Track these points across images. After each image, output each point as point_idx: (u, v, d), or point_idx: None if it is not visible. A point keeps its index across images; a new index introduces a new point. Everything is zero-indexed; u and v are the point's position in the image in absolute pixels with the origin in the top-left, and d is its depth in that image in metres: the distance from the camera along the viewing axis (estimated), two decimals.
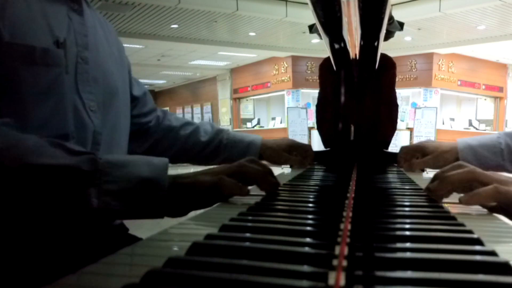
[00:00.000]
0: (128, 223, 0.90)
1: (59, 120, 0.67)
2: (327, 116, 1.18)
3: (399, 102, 1.15)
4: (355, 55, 0.86)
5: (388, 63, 1.11)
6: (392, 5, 0.85)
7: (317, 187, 0.74)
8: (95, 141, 0.74)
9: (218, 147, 1.02)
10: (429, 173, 1.04)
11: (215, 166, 0.65)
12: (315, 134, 9.23)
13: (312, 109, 10.28)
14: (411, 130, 10.10)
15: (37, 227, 0.60)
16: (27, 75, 0.64)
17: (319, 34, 0.85)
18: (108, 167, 0.55)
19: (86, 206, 0.53)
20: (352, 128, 1.13)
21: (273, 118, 12.65)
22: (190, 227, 0.46)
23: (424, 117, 9.84)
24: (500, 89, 11.68)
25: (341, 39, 0.82)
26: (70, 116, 0.69)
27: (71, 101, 0.69)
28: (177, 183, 0.58)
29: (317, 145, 1.21)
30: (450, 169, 0.60)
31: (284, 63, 11.50)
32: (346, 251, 0.32)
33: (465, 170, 0.58)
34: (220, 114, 14.21)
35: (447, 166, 0.62)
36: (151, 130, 1.01)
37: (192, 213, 0.52)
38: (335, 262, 0.29)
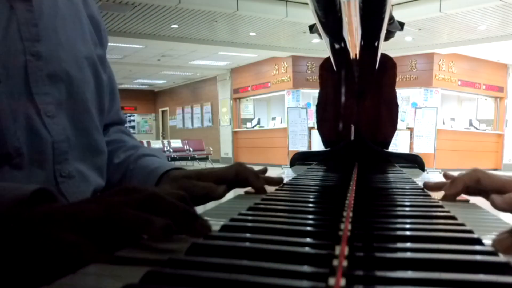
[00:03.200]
0: None
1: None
2: (327, 116, 1.18)
3: (399, 102, 1.15)
4: (356, 55, 0.86)
5: (389, 63, 1.11)
6: (392, 5, 0.85)
7: (317, 187, 0.74)
8: (58, 151, 0.63)
9: (125, 173, 0.78)
10: (430, 173, 1.04)
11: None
12: (315, 134, 9.24)
13: (312, 109, 10.28)
14: (411, 130, 10.11)
15: None
16: None
17: (319, 34, 0.85)
18: None
19: None
20: (353, 128, 1.13)
21: (273, 118, 12.67)
22: None
23: (424, 117, 9.86)
24: (501, 89, 11.69)
25: (342, 39, 0.82)
26: (16, 127, 0.57)
27: (19, 110, 0.58)
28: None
29: (318, 145, 1.21)
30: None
31: (284, 63, 11.52)
32: (346, 251, 0.32)
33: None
34: (220, 114, 14.23)
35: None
36: None
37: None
38: (335, 262, 0.29)
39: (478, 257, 0.31)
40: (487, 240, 0.35)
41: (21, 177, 0.58)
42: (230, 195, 0.65)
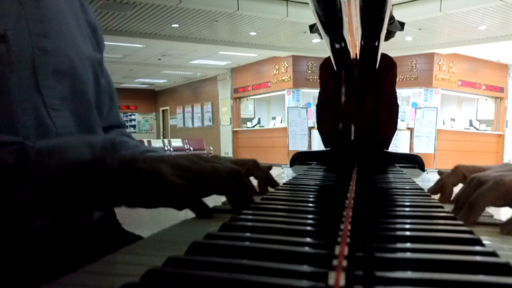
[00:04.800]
0: (127, 223, 0.89)
1: (7, 124, 0.58)
2: (327, 116, 1.18)
3: (399, 102, 1.15)
4: (356, 55, 0.86)
5: (389, 63, 1.11)
6: (393, 5, 0.85)
7: (317, 187, 0.74)
8: None
9: None
10: (430, 173, 1.04)
11: (181, 155, 0.54)
12: (316, 134, 9.24)
13: (313, 109, 10.27)
14: (411, 130, 10.10)
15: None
16: None
17: (319, 34, 0.85)
18: (40, 156, 0.46)
19: (20, 206, 0.44)
20: (353, 128, 1.13)
21: (274, 118, 12.65)
22: (190, 227, 0.46)
23: (424, 117, 9.84)
24: (501, 89, 11.68)
25: (342, 39, 0.82)
26: (25, 118, 0.59)
27: (27, 101, 0.60)
28: (133, 167, 0.49)
29: (318, 144, 1.21)
30: (469, 183, 0.50)
31: (285, 62, 11.50)
32: (346, 251, 0.32)
33: (490, 185, 0.46)
34: (221, 114, 14.22)
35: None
36: None
37: (192, 213, 0.52)
38: (335, 262, 0.29)
39: (478, 258, 0.31)
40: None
41: None
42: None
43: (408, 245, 0.35)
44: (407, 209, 0.53)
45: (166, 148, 12.54)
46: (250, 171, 0.67)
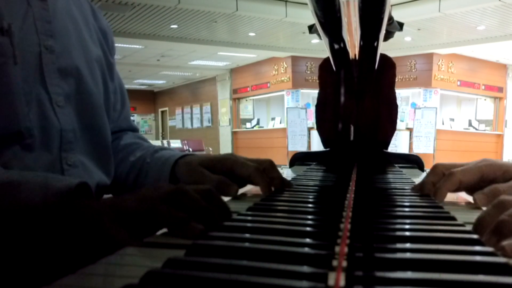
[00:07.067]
0: None
1: (9, 115, 0.58)
2: (326, 116, 1.18)
3: (398, 102, 1.15)
4: (355, 55, 0.86)
5: (388, 63, 1.11)
6: (391, 5, 0.85)
7: (316, 187, 0.74)
8: (65, 140, 0.66)
9: (141, 168, 0.79)
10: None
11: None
12: (315, 134, 9.25)
13: (312, 109, 10.28)
14: (410, 130, 10.12)
15: None
16: None
17: (318, 35, 0.85)
18: None
19: None
20: (352, 128, 1.13)
21: (273, 118, 12.67)
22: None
23: (423, 117, 9.86)
24: (500, 89, 11.70)
25: (341, 40, 0.82)
26: (29, 111, 0.60)
27: (32, 94, 0.61)
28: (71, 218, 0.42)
29: (317, 145, 1.21)
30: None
31: (284, 63, 11.52)
32: (346, 251, 0.32)
33: None
34: (220, 114, 14.22)
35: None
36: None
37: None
38: (335, 263, 0.29)
39: (478, 258, 0.31)
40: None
41: (30, 160, 0.61)
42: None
43: (407, 245, 0.35)
44: (406, 209, 0.53)
45: None
46: (266, 171, 0.67)
